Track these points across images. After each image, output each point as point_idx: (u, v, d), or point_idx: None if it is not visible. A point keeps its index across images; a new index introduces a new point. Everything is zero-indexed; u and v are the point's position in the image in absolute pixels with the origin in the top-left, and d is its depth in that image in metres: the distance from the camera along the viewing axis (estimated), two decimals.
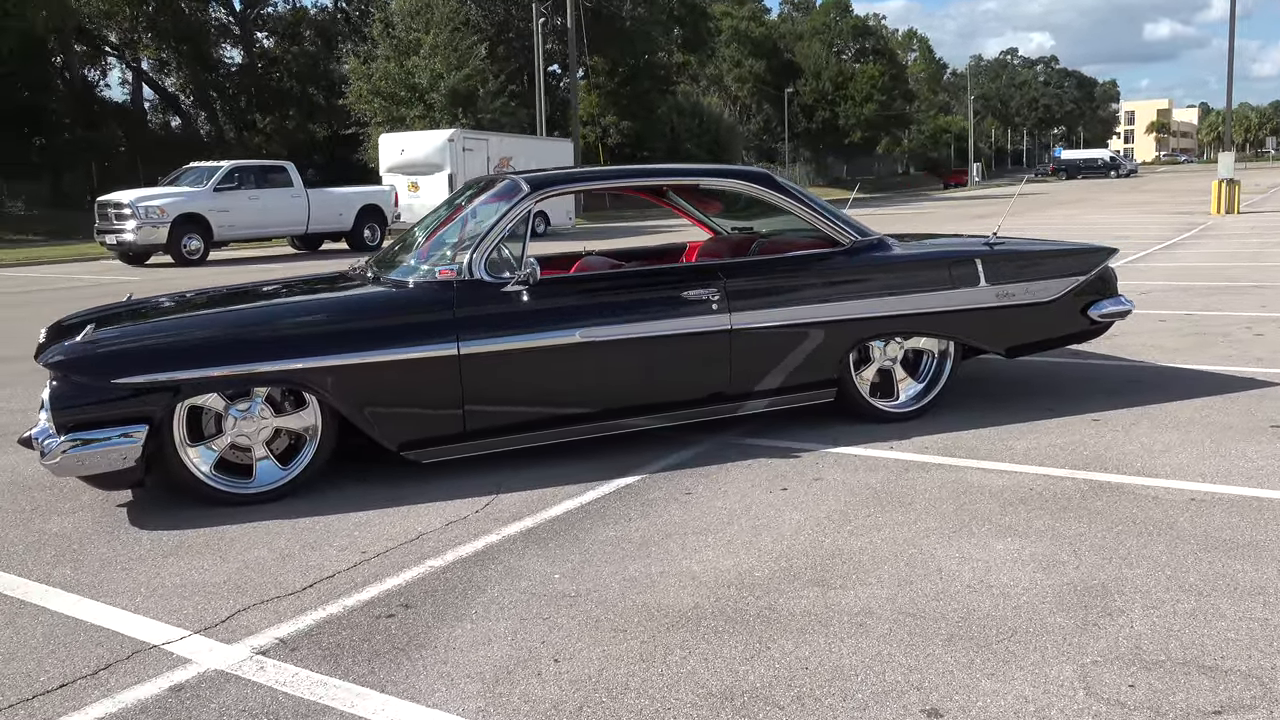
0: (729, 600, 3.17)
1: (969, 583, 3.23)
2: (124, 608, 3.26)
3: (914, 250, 5.46)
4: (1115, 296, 5.75)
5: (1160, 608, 3.00)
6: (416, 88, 30.86)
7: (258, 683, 2.74)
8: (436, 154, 23.77)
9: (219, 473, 4.26)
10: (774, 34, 68.55)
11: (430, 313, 4.42)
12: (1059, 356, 6.83)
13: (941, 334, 5.31)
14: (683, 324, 4.76)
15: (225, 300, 4.92)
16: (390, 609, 3.20)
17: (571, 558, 3.58)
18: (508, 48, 40.61)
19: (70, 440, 3.93)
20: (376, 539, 3.83)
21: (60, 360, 4.01)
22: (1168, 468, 4.36)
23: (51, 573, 3.59)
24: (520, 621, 3.07)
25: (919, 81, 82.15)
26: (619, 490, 4.34)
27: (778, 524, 3.84)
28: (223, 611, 3.22)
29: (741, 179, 5.32)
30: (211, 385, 4.13)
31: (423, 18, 31.70)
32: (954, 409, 5.45)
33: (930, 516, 3.86)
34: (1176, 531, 3.61)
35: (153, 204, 18.91)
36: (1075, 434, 4.95)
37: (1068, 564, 3.35)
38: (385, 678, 2.75)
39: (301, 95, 40.39)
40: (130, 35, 39.11)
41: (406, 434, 4.41)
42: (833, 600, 3.14)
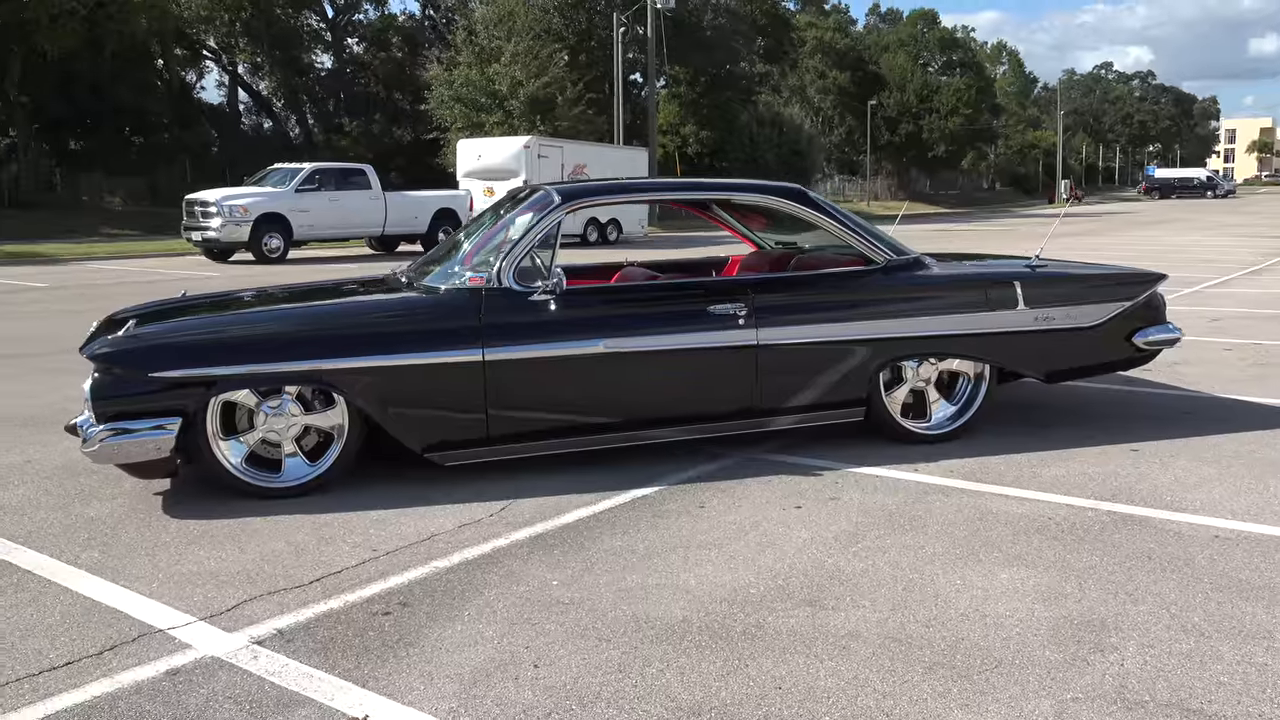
0: (718, 616, 3.18)
1: (964, 611, 3.19)
2: (140, 592, 3.41)
3: (951, 271, 5.40)
4: (1162, 324, 5.59)
5: (1156, 647, 2.92)
6: (496, 94, 31.37)
7: (248, 671, 2.84)
8: (512, 160, 24.10)
9: (250, 466, 4.41)
10: (859, 46, 67.89)
11: (457, 319, 4.51)
12: (1110, 383, 6.66)
13: (976, 356, 5.23)
14: (708, 338, 4.78)
15: (265, 300, 5.10)
16: (388, 606, 3.28)
17: (573, 565, 3.62)
18: (589, 56, 40.94)
19: (108, 429, 4.11)
20: (390, 538, 3.92)
21: (102, 353, 4.20)
22: (1198, 503, 4.24)
23: (81, 555, 3.76)
24: (509, 626, 3.13)
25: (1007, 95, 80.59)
26: (634, 501, 4.37)
27: (784, 542, 3.84)
28: (230, 600, 3.34)
29: (774, 195, 5.32)
30: (243, 382, 4.28)
31: (505, 26, 32.20)
32: (989, 433, 5.36)
33: (940, 541, 3.82)
34: (1192, 569, 3.51)
35: (236, 203, 19.55)
36: (1110, 464, 4.83)
37: (1070, 597, 3.29)
38: (369, 673, 2.82)
39: (387, 100, 41.34)
40: (227, 40, 40.51)
41: (430, 436, 4.51)
42: (821, 621, 3.13)
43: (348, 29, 43.84)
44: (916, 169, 71.50)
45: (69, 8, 26.71)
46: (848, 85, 65.21)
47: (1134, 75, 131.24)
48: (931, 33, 70.13)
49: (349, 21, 43.65)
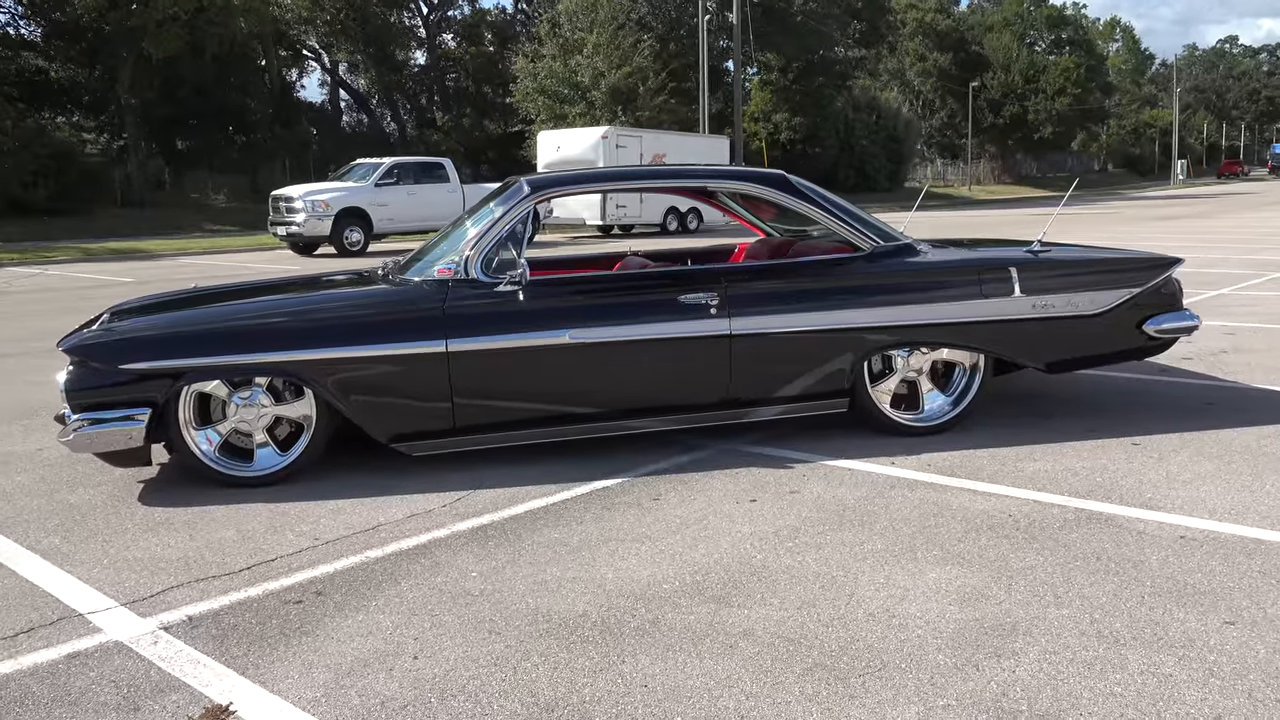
0: (619, 610, 3.13)
1: (872, 611, 3.07)
2: (80, 577, 3.53)
3: (942, 257, 5.19)
4: (1178, 311, 5.28)
5: (1060, 654, 2.76)
6: (579, 86, 31.52)
7: (142, 656, 2.92)
8: (590, 151, 24.19)
9: (224, 455, 4.53)
10: (961, 26, 65.96)
11: (421, 310, 4.54)
12: (1135, 372, 6.33)
13: (969, 346, 5.03)
14: (678, 328, 4.70)
15: (246, 293, 5.23)
16: (303, 595, 3.33)
17: (500, 557, 3.62)
18: (679, 44, 40.79)
19: (81, 420, 4.27)
20: (337, 527, 3.98)
21: (74, 346, 4.37)
22: (1180, 500, 3.99)
23: (41, 540, 3.92)
24: (409, 616, 3.14)
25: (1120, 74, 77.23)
26: (592, 492, 4.34)
27: (720, 536, 3.75)
28: (157, 586, 3.43)
29: (752, 182, 5.20)
30: (212, 373, 4.40)
31: (588, 17, 32.31)
32: (986, 424, 5.15)
33: (882, 538, 3.68)
34: (1139, 571, 3.31)
35: (318, 198, 20.11)
36: (1102, 458, 4.59)
37: (992, 599, 3.13)
38: (253, 661, 2.87)
39: (477, 94, 42.00)
40: (327, 39, 41.72)
41: (396, 427, 4.56)
42: (720, 618, 3.05)
43: (441, 25, 44.68)
44: (1022, 152, 69.22)
45: (172, 13, 27.88)
46: (949, 67, 63.49)
47: (1262, 48, 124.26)
48: (1039, 10, 67.70)
49: (443, 18, 44.47)
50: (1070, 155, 76.35)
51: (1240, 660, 2.69)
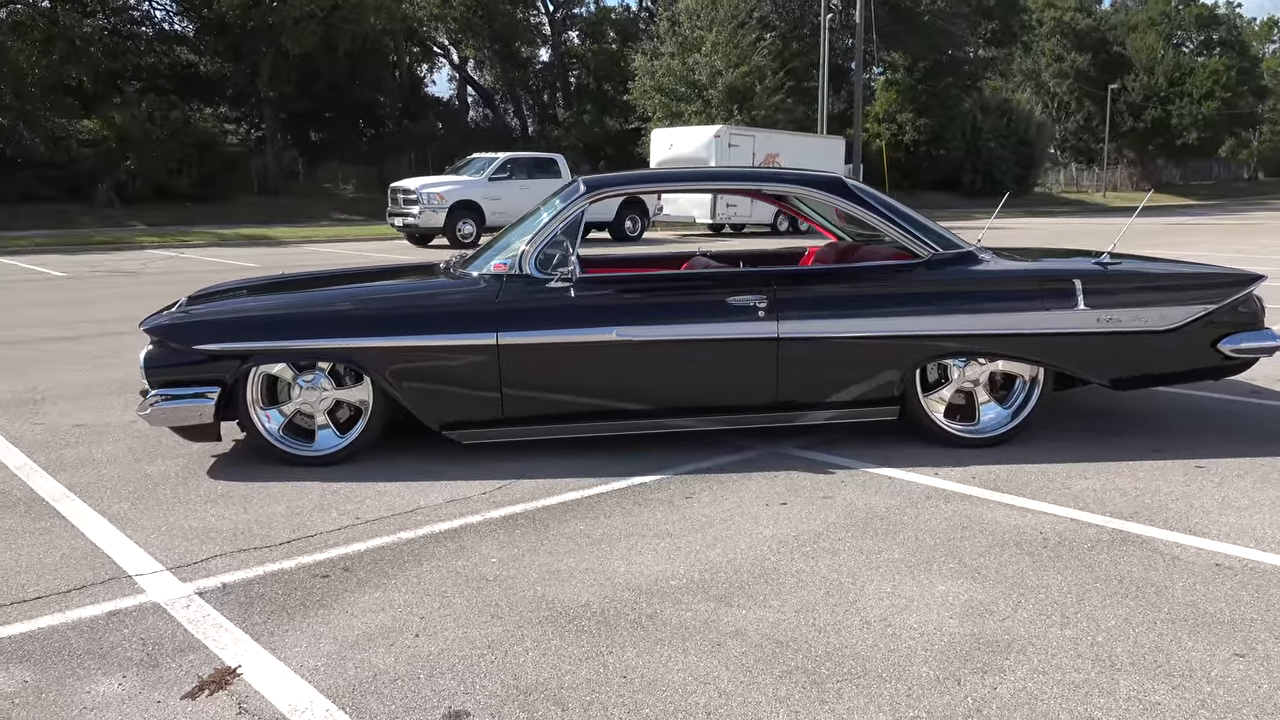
0: (621, 603, 3.21)
1: (869, 619, 3.07)
2: (138, 542, 3.80)
3: (1003, 266, 5.07)
4: (1259, 330, 5.03)
5: (1049, 674, 2.71)
6: (696, 84, 31.56)
7: (173, 617, 3.14)
8: (702, 149, 24.22)
9: (287, 435, 4.79)
10: (1103, 26, 63.29)
11: (475, 303, 4.70)
12: (1221, 392, 6.05)
13: (1029, 358, 4.91)
14: (725, 329, 4.74)
15: (319, 282, 5.48)
16: (330, 570, 3.51)
17: (522, 545, 3.74)
18: (801, 43, 40.40)
19: (157, 395, 4.59)
20: (379, 507, 4.17)
21: (154, 327, 4.69)
22: (1227, 527, 3.83)
23: (112, 506, 4.22)
24: (422, 597, 3.28)
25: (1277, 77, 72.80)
26: (630, 487, 4.42)
27: (741, 537, 3.79)
28: (203, 554, 3.67)
29: (807, 185, 5.18)
30: (277, 356, 4.65)
31: (708, 15, 32.31)
32: (1045, 439, 5.03)
33: (902, 548, 3.65)
34: (1161, 597, 3.20)
35: (434, 190, 20.73)
36: (1158, 479, 4.43)
37: (996, 615, 3.09)
38: (270, 629, 3.06)
39: (597, 91, 42.50)
40: (457, 36, 42.86)
41: (448, 415, 4.73)
42: (716, 616, 3.10)
43: (565, 22, 45.38)
44: (1163, 158, 66.01)
45: (308, 10, 29.12)
46: (1087, 68, 61.00)
47: None
48: (1188, 10, 64.40)
49: (568, 15, 45.16)
50: (1217, 162, 72.47)
51: (1238, 694, 2.60)
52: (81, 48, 29.38)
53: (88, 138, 29.19)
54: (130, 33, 35.51)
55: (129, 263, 17.19)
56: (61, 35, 29.30)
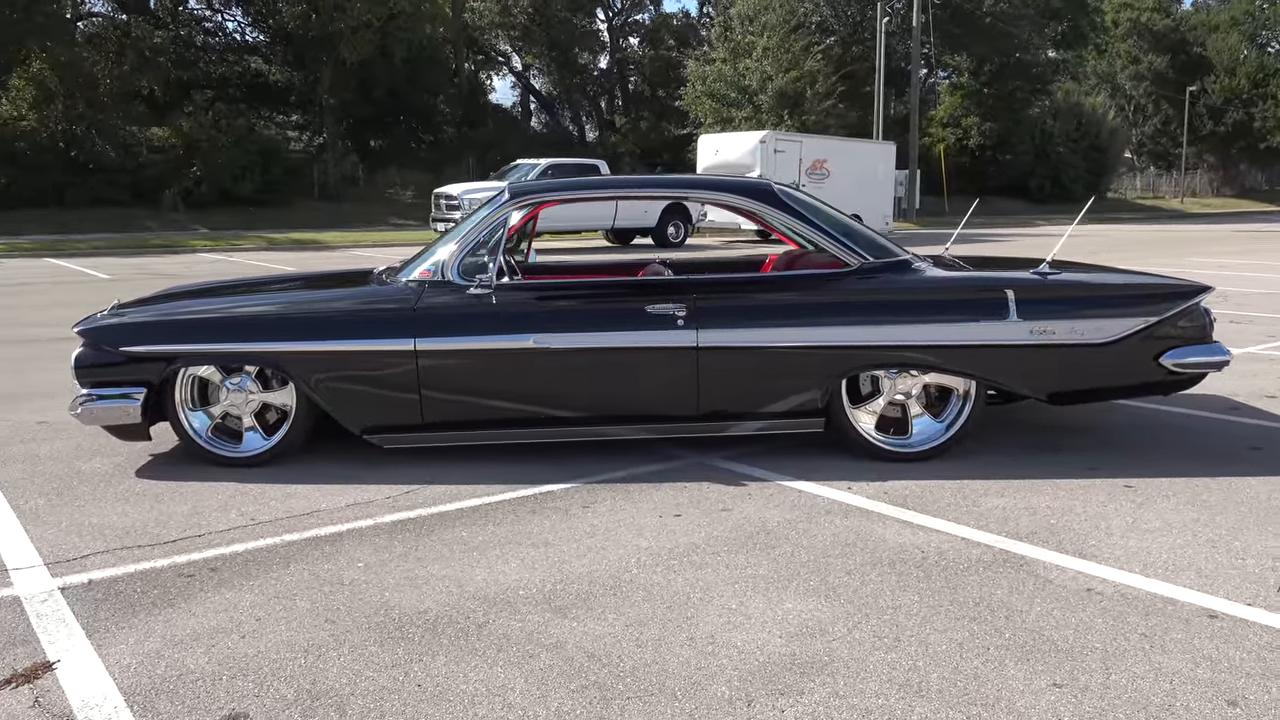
0: (458, 611, 3.21)
1: (695, 636, 3.01)
2: (33, 537, 3.91)
3: (934, 276, 4.94)
4: (1205, 344, 4.82)
5: (844, 699, 2.63)
6: (746, 89, 31.40)
7: (25, 611, 3.23)
8: (748, 155, 24.07)
9: (216, 436, 4.88)
10: (1183, 26, 61.29)
11: (395, 309, 4.74)
12: (1197, 408, 5.81)
13: (959, 371, 4.78)
14: (643, 338, 4.70)
15: (259, 286, 5.58)
16: (197, 570, 3.57)
17: (395, 550, 3.75)
18: (862, 48, 39.95)
19: (86, 395, 4.72)
20: (279, 509, 4.23)
21: (83, 330, 4.82)
22: (1123, 551, 3.67)
23: (30, 501, 4.35)
24: (269, 599, 3.32)
25: None
26: (535, 495, 4.41)
27: (615, 549, 3.75)
28: (87, 550, 3.76)
29: (734, 193, 5.13)
30: (201, 359, 4.75)
31: (759, 21, 32.15)
32: (981, 454, 4.89)
33: (772, 564, 3.58)
34: (1009, 622, 3.09)
35: (476, 196, 20.93)
36: (1076, 498, 4.27)
37: (826, 635, 3.01)
38: (108, 626, 3.12)
39: (653, 97, 42.56)
40: (517, 43, 43.34)
41: (367, 419, 4.77)
42: (545, 628, 3.08)
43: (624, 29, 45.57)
44: (1246, 162, 63.66)
45: (365, 20, 29.71)
46: (1165, 70, 59.10)
47: None
48: (1273, 9, 62.00)
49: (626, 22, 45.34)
50: None
51: None
52: (151, 58, 30.39)
53: (157, 144, 30.19)
54: (202, 44, 36.71)
55: (176, 266, 17.71)
56: (133, 46, 30.36)
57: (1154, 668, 2.78)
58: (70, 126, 28.73)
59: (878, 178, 26.38)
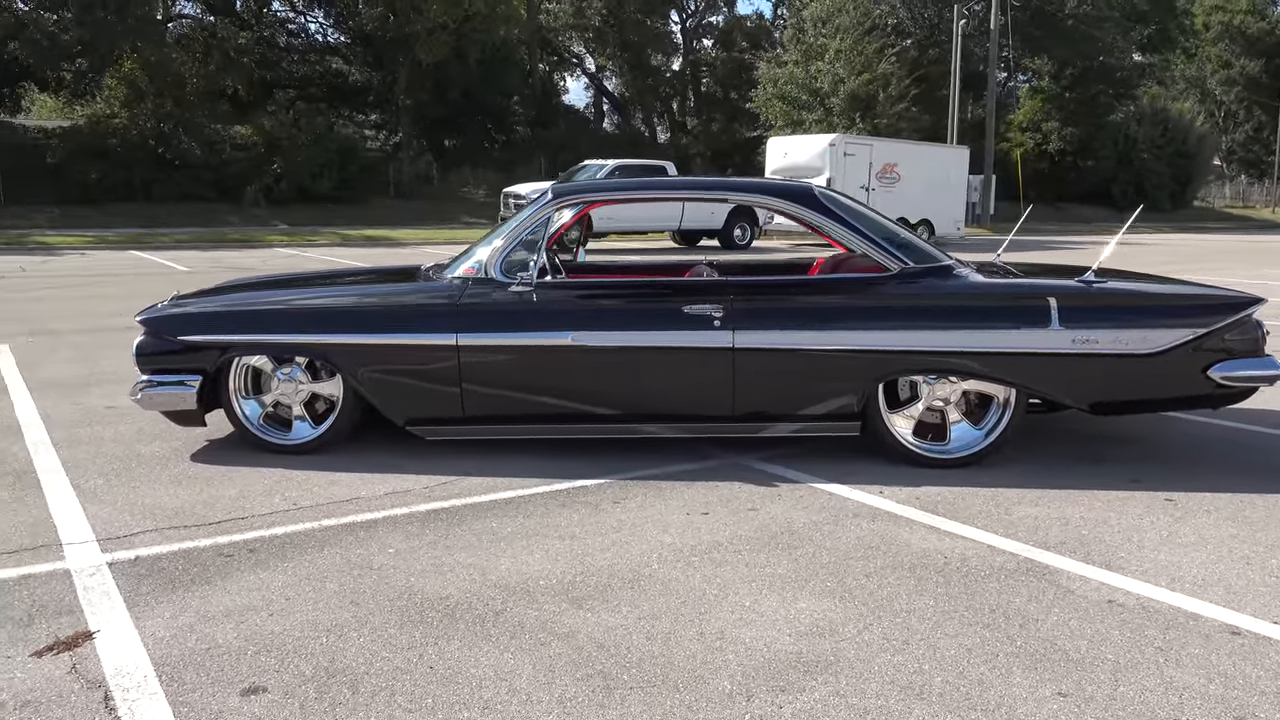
0: (479, 599, 3.30)
1: (706, 631, 3.06)
2: (89, 515, 4.11)
3: (975, 282, 4.89)
4: (1257, 357, 4.70)
5: (843, 698, 2.66)
6: (818, 92, 31.18)
7: (73, 583, 3.40)
8: (817, 158, 23.90)
9: (267, 424, 5.06)
10: (1278, 30, 59.12)
11: (437, 304, 4.86)
12: (1250, 423, 5.66)
13: (998, 378, 4.73)
14: (680, 338, 4.75)
15: (312, 280, 5.76)
16: (236, 551, 3.72)
17: (426, 538, 3.86)
18: (939, 50, 39.36)
19: (145, 382, 4.93)
20: (321, 495, 4.37)
21: (144, 319, 5.04)
22: (1152, 564, 3.62)
23: (88, 481, 4.57)
24: (300, 580, 3.45)
25: None
26: (568, 489, 4.49)
27: (639, 544, 3.81)
28: (136, 528, 3.95)
29: (774, 195, 5.14)
30: (254, 349, 4.93)
31: (833, 23, 31.90)
32: (1021, 462, 4.84)
33: (792, 565, 3.61)
34: (1024, 630, 3.07)
35: None
36: (1113, 510, 4.21)
37: (836, 635, 3.03)
38: (147, 600, 3.27)
39: (725, 99, 42.51)
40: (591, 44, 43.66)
41: (411, 412, 4.91)
42: (561, 618, 3.15)
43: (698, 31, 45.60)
44: None
45: (441, 22, 30.24)
46: (1259, 75, 57.10)
47: None
48: None
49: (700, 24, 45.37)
50: None
51: None
52: (235, 59, 31.31)
53: (239, 142, 31.11)
54: (286, 44, 37.72)
55: (252, 260, 18.23)
56: (218, 47, 31.33)
57: (1165, 681, 2.75)
58: (159, 124, 29.74)
59: (950, 182, 25.98)
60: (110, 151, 28.71)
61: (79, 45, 30.18)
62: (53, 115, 36.89)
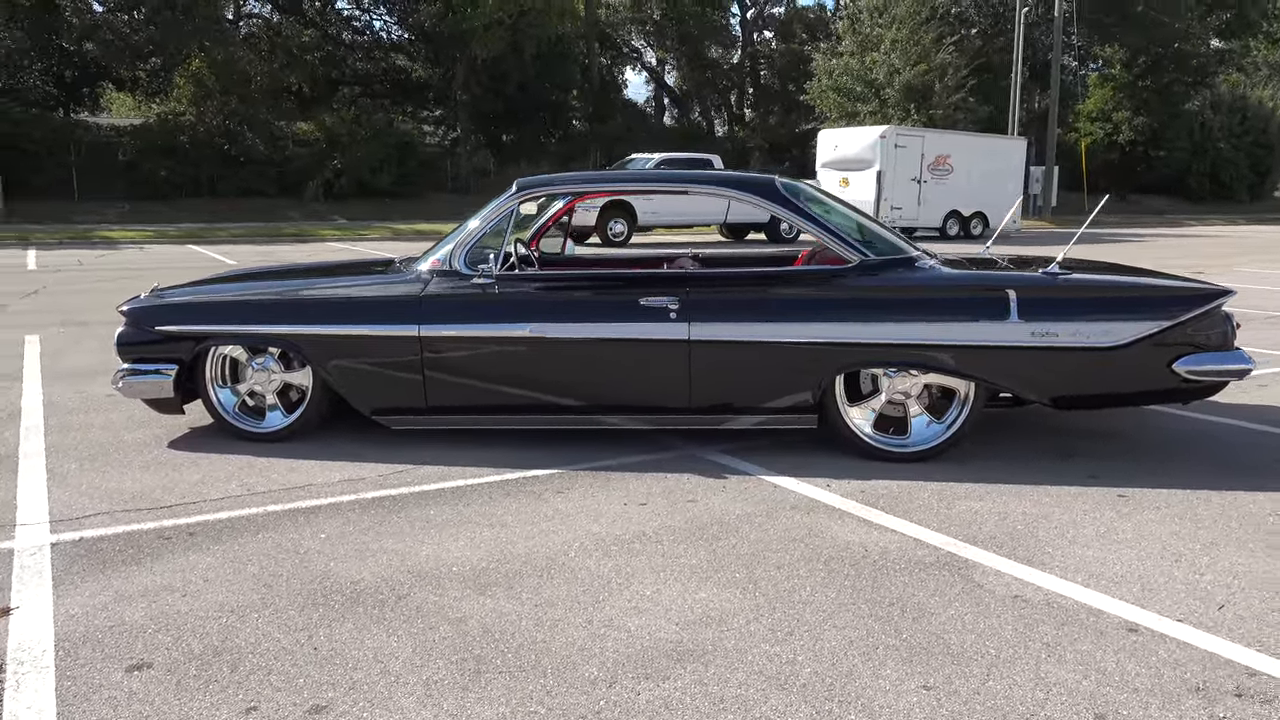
0: (387, 583, 3.37)
1: (594, 619, 3.09)
2: (53, 497, 4.28)
3: (935, 274, 4.82)
4: (1225, 351, 4.56)
5: (706, 685, 2.67)
6: (873, 83, 30.76)
7: (12, 562, 3.56)
8: (867, 150, 23.62)
9: (242, 413, 5.22)
10: None
11: (401, 296, 4.96)
12: (1246, 418, 5.49)
13: (955, 371, 4.67)
14: (636, 329, 4.77)
15: (289, 273, 5.91)
16: (176, 534, 3.86)
17: (361, 524, 3.96)
18: (1005, 39, 38.50)
19: (124, 370, 5.12)
20: (277, 481, 4.50)
21: (125, 310, 5.22)
22: (1074, 560, 3.55)
23: (63, 464, 4.76)
24: (226, 562, 3.56)
25: None
26: (518, 479, 4.55)
27: (566, 532, 3.85)
28: (91, 510, 4.11)
29: (735, 187, 5.13)
30: (229, 339, 5.08)
31: (889, 13, 31.44)
32: (979, 457, 4.78)
33: (708, 556, 3.62)
34: (916, 623, 3.05)
35: None
36: (1058, 505, 4.13)
37: (722, 625, 3.04)
38: (76, 580, 3.41)
39: (782, 91, 42.17)
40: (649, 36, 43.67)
41: (375, 401, 5.02)
42: (459, 603, 3.21)
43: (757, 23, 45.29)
44: None
45: (497, 18, 30.52)
46: None
47: None
48: None
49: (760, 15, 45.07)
50: None
51: None
52: (299, 56, 32.02)
53: (301, 138, 31.82)
54: (350, 41, 38.43)
55: (300, 254, 18.65)
56: (282, 45, 32.07)
57: (1038, 677, 2.71)
58: (225, 121, 30.56)
59: (1006, 174, 25.45)
60: (178, 148, 29.59)
61: (150, 45, 31.17)
62: (131, 114, 38.15)
